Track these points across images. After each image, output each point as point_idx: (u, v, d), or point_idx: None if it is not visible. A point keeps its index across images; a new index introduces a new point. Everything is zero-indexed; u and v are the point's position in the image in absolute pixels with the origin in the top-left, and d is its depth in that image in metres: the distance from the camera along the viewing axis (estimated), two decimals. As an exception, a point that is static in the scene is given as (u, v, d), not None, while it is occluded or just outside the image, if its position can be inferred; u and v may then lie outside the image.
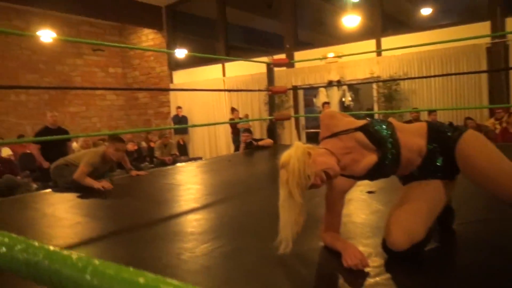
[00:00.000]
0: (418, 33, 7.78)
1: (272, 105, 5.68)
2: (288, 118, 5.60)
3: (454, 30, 7.25)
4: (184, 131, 10.71)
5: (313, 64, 8.82)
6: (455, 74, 7.29)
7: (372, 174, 1.47)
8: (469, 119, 6.80)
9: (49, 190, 3.11)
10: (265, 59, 5.61)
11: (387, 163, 1.45)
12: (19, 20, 10.07)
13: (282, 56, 9.65)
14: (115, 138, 3.57)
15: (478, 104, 7.16)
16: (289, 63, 5.49)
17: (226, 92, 10.58)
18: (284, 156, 1.36)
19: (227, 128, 10.56)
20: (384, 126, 1.48)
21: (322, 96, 8.84)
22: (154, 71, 12.27)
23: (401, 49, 7.49)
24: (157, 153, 7.70)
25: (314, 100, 10.36)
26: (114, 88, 13.28)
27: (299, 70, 9.07)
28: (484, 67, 7.03)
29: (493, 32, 6.93)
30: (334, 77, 8.66)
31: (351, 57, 8.13)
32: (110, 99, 12.67)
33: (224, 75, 10.75)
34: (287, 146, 4.90)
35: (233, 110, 9.31)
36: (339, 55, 8.37)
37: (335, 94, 8.85)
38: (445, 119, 7.44)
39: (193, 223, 2.05)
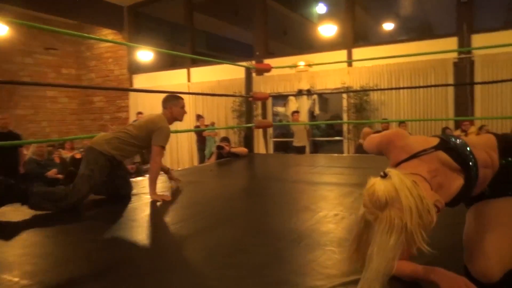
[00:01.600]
0: (388, 46, 7.90)
1: (250, 113, 5.43)
2: (270, 126, 5.35)
3: (423, 44, 7.43)
4: (144, 138, 10.14)
5: (282, 72, 8.69)
6: (423, 87, 7.46)
7: (457, 199, 1.25)
8: (447, 128, 6.95)
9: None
10: (244, 64, 5.34)
11: (472, 185, 1.24)
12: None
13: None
14: (173, 96, 2.98)
15: (444, 116, 7.35)
16: (270, 70, 5.28)
17: (191, 99, 10.19)
18: (383, 190, 1.01)
19: (190, 136, 10.16)
20: (459, 141, 1.28)
21: (292, 105, 8.71)
22: (113, 74, 11.61)
23: (372, 61, 7.57)
24: (118, 161, 7.15)
25: (278, 108, 10.23)
26: (66, 85, 12.30)
27: (268, 78, 8.89)
28: (451, 81, 7.25)
29: (460, 48, 7.16)
30: (304, 86, 8.58)
31: (321, 67, 8.11)
32: (62, 102, 11.80)
33: (189, 80, 10.35)
34: (263, 156, 4.63)
35: (198, 117, 8.94)
36: (309, 64, 8.31)
37: (304, 103, 8.76)
38: (413, 130, 7.57)
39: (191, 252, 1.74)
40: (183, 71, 10.43)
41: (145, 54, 9.72)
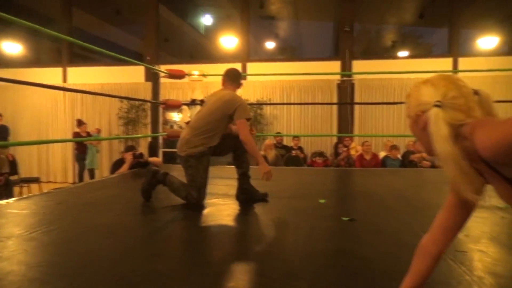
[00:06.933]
0: (282, 63, 8.34)
1: (157, 121, 5.07)
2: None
3: (314, 64, 8.05)
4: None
5: (174, 80, 8.39)
6: (312, 103, 8.07)
7: None
8: (339, 143, 7.55)
9: None
10: (156, 68, 4.99)
11: None
12: None
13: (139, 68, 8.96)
14: (241, 74, 3.00)
15: (329, 132, 8.06)
16: (184, 76, 5.01)
17: (68, 102, 9.09)
18: None
19: (65, 144, 9.02)
20: None
21: (185, 114, 8.46)
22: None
23: (265, 76, 7.91)
24: (-22, 172, 5.86)
25: (172, 116, 9.81)
26: None
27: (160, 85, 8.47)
28: (335, 100, 8.00)
29: (342, 71, 7.98)
30: (198, 96, 8.43)
31: (216, 78, 8.05)
32: None
33: (65, 81, 9.20)
34: (175, 167, 4.33)
35: (80, 122, 7.98)
36: (203, 74, 8.21)
37: (198, 113, 8.60)
38: (304, 143, 8.08)
39: None
40: (57, 70, 9.24)
41: (11, 46, 8.25)
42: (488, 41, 7.91)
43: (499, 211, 2.51)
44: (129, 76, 8.96)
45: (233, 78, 2.88)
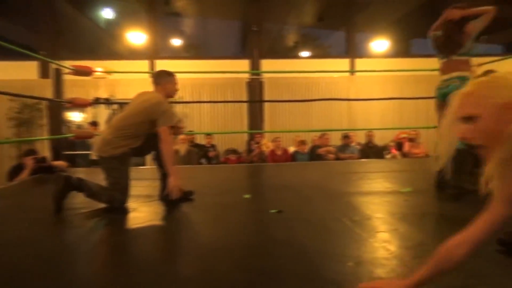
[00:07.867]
0: (191, 61, 8.26)
1: (60, 121, 4.66)
2: (91, 137, 4.65)
3: (223, 63, 8.12)
4: None
5: (74, 77, 7.77)
6: (223, 101, 8.14)
7: None
8: (251, 140, 7.67)
9: None
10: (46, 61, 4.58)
11: None
12: None
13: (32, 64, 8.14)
14: (166, 72, 2.89)
15: (240, 129, 8.22)
16: (91, 73, 4.66)
17: None
18: None
19: None
20: None
21: (88, 114, 7.91)
22: None
23: (176, 74, 7.76)
24: None
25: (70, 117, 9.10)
26: None
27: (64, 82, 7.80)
28: (245, 98, 8.17)
29: (251, 70, 8.19)
30: (102, 94, 7.94)
31: (122, 75, 7.72)
32: None
33: None
34: (80, 170, 4.11)
35: (-40, 125, 6.97)
36: (108, 71, 7.75)
37: (103, 112, 8.09)
38: (217, 141, 8.10)
39: None
40: None
41: None
42: (380, 44, 8.78)
43: (402, 195, 2.84)
44: (19, 73, 8.07)
45: (163, 81, 2.80)
